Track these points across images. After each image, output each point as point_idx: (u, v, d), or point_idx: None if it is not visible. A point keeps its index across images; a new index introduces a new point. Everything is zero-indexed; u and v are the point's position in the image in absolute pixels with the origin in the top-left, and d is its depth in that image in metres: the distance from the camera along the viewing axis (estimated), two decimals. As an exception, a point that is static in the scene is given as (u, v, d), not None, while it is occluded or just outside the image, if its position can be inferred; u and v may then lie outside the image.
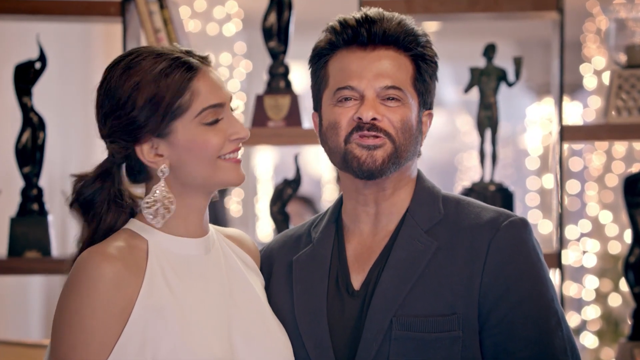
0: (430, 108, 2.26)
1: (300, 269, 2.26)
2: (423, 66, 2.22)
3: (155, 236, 2.10)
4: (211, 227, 2.21)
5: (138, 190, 2.17)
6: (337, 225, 2.29)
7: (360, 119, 2.16)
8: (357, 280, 2.21)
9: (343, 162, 2.21)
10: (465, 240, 2.16)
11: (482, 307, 2.12)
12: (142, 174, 2.13)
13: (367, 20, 2.20)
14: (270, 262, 2.32)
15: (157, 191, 2.09)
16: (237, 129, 2.11)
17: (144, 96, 2.05)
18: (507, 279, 2.12)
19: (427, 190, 2.25)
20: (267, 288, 2.28)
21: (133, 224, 2.13)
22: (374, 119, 2.16)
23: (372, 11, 2.23)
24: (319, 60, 2.24)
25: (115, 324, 2.00)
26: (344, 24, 2.22)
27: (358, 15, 2.22)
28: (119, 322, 2.00)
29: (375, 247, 2.22)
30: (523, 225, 2.17)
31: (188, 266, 2.11)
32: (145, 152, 2.09)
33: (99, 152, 2.15)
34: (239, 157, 2.14)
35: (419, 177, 2.28)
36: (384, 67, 2.19)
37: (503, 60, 3.69)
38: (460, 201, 2.24)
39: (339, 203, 2.32)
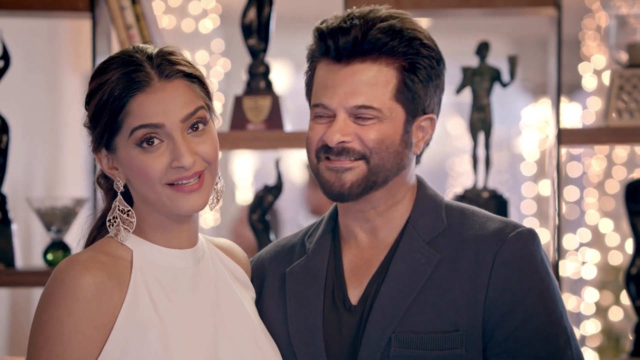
0: (430, 112, 2.20)
1: (293, 282, 2.25)
2: (411, 74, 2.15)
3: (140, 246, 2.11)
4: (201, 236, 2.21)
5: None
6: (334, 235, 2.28)
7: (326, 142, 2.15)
8: (354, 295, 2.21)
9: (318, 182, 2.21)
10: (469, 252, 2.16)
11: (487, 323, 2.13)
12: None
13: (336, 31, 2.14)
14: (262, 274, 2.32)
15: (115, 206, 2.09)
16: (177, 155, 2.04)
17: (92, 107, 2.07)
18: (514, 294, 2.13)
19: (429, 199, 2.25)
20: (259, 302, 2.28)
21: None
22: (342, 141, 2.14)
23: (348, 17, 2.15)
24: (310, 63, 2.24)
25: (97, 338, 1.99)
26: (319, 32, 2.18)
27: (335, 23, 2.15)
28: (101, 335, 2.00)
29: (374, 260, 2.22)
30: (531, 237, 2.17)
31: (174, 279, 2.11)
32: (103, 161, 2.11)
33: (67, 157, 2.15)
34: (192, 183, 2.06)
35: (421, 185, 2.27)
36: (357, 83, 2.13)
37: (497, 59, 3.70)
38: (464, 210, 2.24)
39: (335, 211, 2.31)
